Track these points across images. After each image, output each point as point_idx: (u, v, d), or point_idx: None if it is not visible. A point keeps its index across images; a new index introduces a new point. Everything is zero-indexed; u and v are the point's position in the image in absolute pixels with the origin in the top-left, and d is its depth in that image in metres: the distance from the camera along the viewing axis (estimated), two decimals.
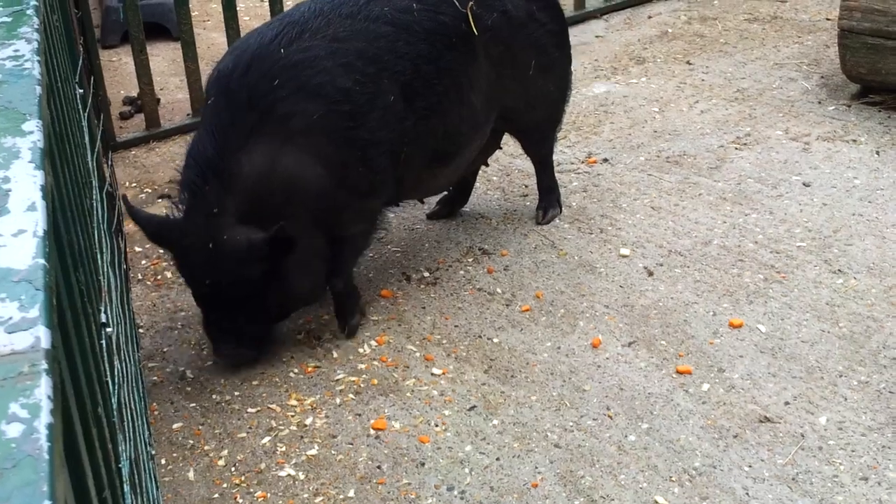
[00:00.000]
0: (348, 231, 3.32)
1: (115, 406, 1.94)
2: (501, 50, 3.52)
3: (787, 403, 3.00)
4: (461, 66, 3.39)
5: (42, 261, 1.06)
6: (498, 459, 2.87)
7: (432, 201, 4.11)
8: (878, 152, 4.33)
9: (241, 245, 3.04)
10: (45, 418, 0.84)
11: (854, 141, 4.43)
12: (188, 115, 5.01)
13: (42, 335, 0.94)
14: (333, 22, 3.20)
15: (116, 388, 2.09)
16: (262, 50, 3.12)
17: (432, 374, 3.22)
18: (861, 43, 4.63)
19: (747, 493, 2.69)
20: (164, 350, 3.44)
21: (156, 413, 3.15)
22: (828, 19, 5.74)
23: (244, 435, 3.04)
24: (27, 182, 1.22)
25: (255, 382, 3.25)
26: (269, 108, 3.07)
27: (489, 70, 3.48)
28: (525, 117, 3.78)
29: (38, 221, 1.12)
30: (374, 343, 3.38)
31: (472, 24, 3.39)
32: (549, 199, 4.04)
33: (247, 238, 3.04)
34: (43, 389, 0.87)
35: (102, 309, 2.13)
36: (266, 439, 3.01)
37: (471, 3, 3.40)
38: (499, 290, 3.61)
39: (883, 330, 3.26)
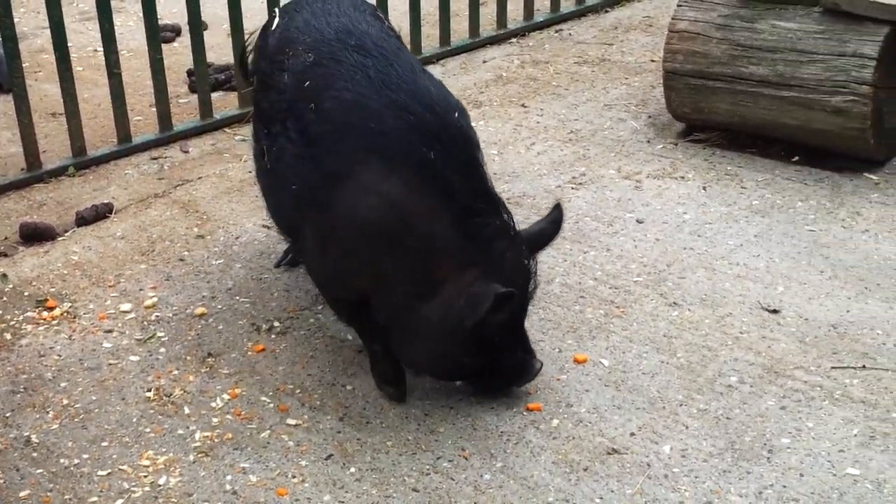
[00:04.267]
0: None
1: None
2: None
3: (632, 434, 3.12)
4: None
5: None
6: None
7: (278, 250, 4.12)
8: (704, 188, 4.55)
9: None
10: None
11: (682, 178, 4.65)
12: (22, 169, 4.87)
13: None
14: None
15: None
16: (429, 92, 3.12)
17: (287, 425, 3.22)
18: (685, 84, 4.88)
19: None
20: (7, 415, 3.33)
21: (1, 482, 3.04)
22: (652, 61, 6.00)
23: (95, 499, 2.97)
24: None
25: (104, 444, 3.18)
26: (467, 132, 3.14)
27: None
28: None
29: None
30: (226, 396, 3.36)
31: None
32: None
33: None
34: None
35: None
36: (118, 502, 2.95)
37: None
38: (349, 337, 3.63)
39: (717, 359, 3.43)
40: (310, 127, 3.10)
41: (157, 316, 3.80)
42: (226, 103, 5.54)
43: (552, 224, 3.26)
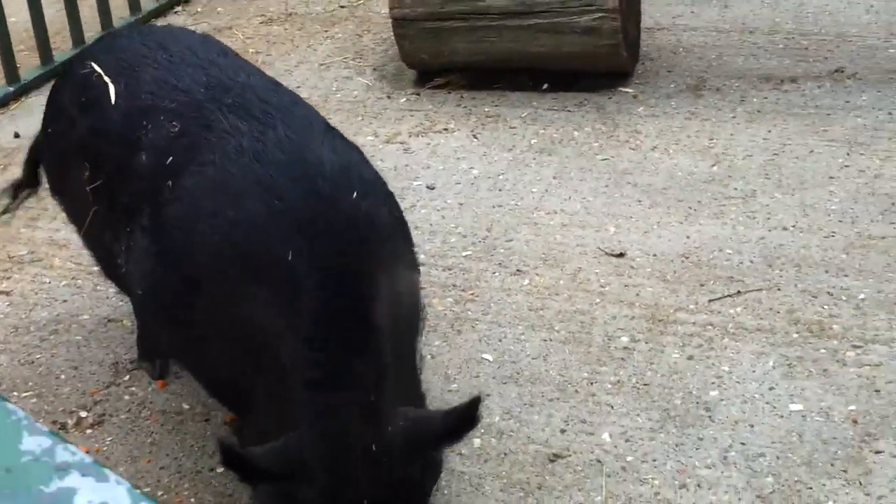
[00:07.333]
0: None
1: None
2: None
3: (562, 431, 2.81)
4: None
5: None
6: None
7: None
8: (475, 136, 4.26)
9: None
10: None
11: (446, 129, 4.33)
12: None
13: None
14: None
15: None
16: (321, 163, 2.25)
17: None
18: (418, 29, 4.52)
19: None
20: None
21: None
22: (342, 7, 5.58)
23: None
24: None
25: None
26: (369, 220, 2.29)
27: None
28: None
29: None
30: None
31: None
32: None
33: None
34: None
35: None
36: None
37: None
38: (186, 406, 3.01)
39: (597, 321, 3.18)
40: (163, 210, 2.30)
41: None
42: None
43: (459, 419, 2.19)
